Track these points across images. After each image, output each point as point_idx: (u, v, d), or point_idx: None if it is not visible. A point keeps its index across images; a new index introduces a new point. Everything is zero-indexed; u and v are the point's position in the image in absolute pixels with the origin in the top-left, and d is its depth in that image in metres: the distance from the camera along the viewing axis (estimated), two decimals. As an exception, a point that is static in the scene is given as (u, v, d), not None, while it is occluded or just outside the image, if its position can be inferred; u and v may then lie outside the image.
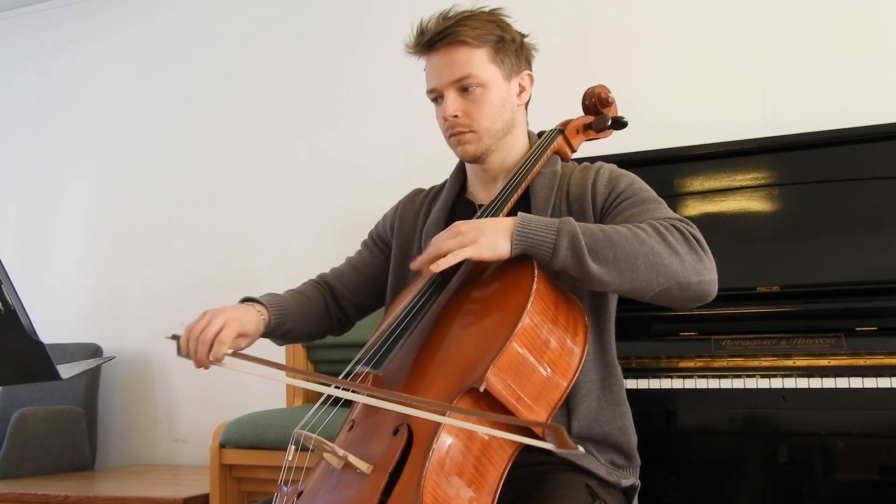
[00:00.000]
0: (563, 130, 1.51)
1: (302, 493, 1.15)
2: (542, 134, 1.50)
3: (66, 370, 1.37)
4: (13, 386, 3.14)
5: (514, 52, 1.41)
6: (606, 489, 1.24)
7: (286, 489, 1.20)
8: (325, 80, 3.19)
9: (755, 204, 2.11)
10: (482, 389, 1.04)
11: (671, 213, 1.29)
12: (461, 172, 1.53)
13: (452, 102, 1.37)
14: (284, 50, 3.26)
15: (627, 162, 1.56)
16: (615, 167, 1.42)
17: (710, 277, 1.21)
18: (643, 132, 2.23)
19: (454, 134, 1.39)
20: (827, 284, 1.94)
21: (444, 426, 1.02)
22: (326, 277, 1.59)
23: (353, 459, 1.07)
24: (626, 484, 1.29)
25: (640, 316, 1.91)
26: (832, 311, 1.90)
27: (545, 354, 1.12)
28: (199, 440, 3.07)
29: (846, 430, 1.82)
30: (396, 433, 1.08)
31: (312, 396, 2.77)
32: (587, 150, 1.67)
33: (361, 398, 1.12)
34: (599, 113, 1.56)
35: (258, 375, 1.20)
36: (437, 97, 1.41)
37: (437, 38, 1.36)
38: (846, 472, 1.92)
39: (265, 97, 3.28)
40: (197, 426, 3.13)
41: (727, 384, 1.81)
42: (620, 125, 1.60)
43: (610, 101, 1.56)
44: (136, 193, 3.46)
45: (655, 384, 1.86)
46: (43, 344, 1.24)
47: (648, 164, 2.13)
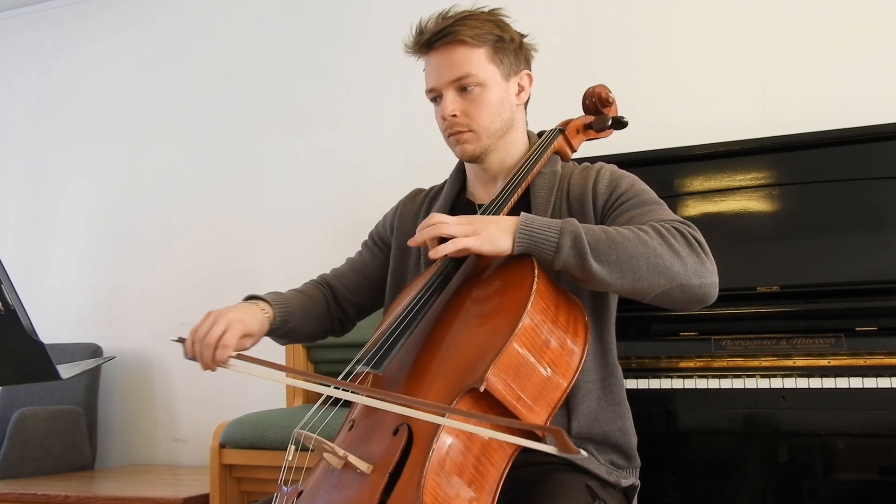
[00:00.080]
0: (563, 130, 1.51)
1: (302, 492, 1.15)
2: (542, 134, 1.50)
3: (66, 370, 1.37)
4: (13, 386, 3.14)
5: (512, 51, 1.41)
6: (606, 489, 1.24)
7: (286, 489, 1.20)
8: (325, 80, 3.19)
9: (755, 204, 2.11)
10: (482, 389, 1.04)
11: (672, 214, 1.29)
12: (461, 172, 1.53)
13: (451, 102, 1.37)
14: (284, 50, 3.26)
15: (627, 162, 1.57)
16: (616, 168, 1.42)
17: (711, 280, 1.21)
18: (643, 132, 2.23)
19: (453, 133, 1.39)
20: (827, 284, 1.94)
21: (444, 426, 1.02)
22: (327, 278, 1.58)
23: (353, 459, 1.07)
24: (625, 484, 1.29)
25: (640, 316, 1.91)
26: (832, 311, 1.90)
27: (545, 354, 1.12)
28: (199, 440, 3.07)
29: (846, 430, 1.82)
30: (396, 433, 1.08)
31: (312, 396, 2.77)
32: (587, 150, 1.67)
33: (363, 399, 1.12)
34: (600, 113, 1.56)
35: (263, 377, 1.19)
36: (435, 97, 1.41)
37: (435, 37, 1.37)
38: (846, 472, 1.92)
39: (265, 97, 3.28)
40: (197, 426, 3.13)
41: (727, 384, 1.82)
42: (620, 125, 1.60)
43: (610, 100, 1.56)
44: (136, 193, 3.46)
45: (655, 384, 1.86)
46: (43, 344, 1.24)
47: (648, 164, 2.13)
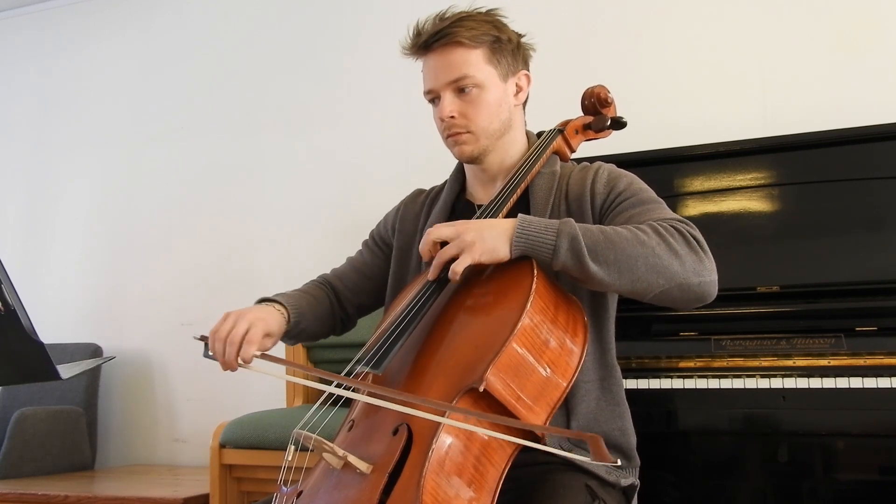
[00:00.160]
0: (562, 130, 1.51)
1: (302, 493, 1.15)
2: (541, 134, 1.50)
3: (66, 370, 1.37)
4: (13, 386, 3.14)
5: (510, 52, 1.40)
6: (606, 489, 1.24)
7: (286, 489, 1.20)
8: (325, 80, 3.19)
9: (755, 204, 2.11)
10: (482, 389, 1.04)
11: (671, 213, 1.29)
12: (460, 173, 1.53)
13: (449, 103, 1.37)
14: (284, 50, 3.26)
15: (627, 162, 1.56)
16: (614, 167, 1.41)
17: (710, 278, 1.21)
18: (643, 132, 2.23)
19: (451, 135, 1.39)
20: (827, 284, 1.94)
21: (443, 426, 1.03)
22: (329, 278, 1.58)
23: (352, 459, 1.07)
24: (625, 483, 1.29)
25: (640, 316, 1.91)
26: (832, 311, 1.90)
27: (545, 354, 1.12)
28: (199, 440, 3.07)
29: (846, 430, 1.82)
30: (396, 433, 1.08)
31: (313, 396, 2.77)
32: (587, 150, 1.67)
33: (369, 399, 1.12)
34: (599, 113, 1.56)
35: (283, 378, 1.19)
36: (433, 98, 1.41)
37: (433, 38, 1.36)
38: (846, 472, 1.92)
39: (265, 97, 3.28)
40: (197, 426, 3.13)
41: (727, 384, 1.82)
42: (620, 125, 1.60)
43: (609, 101, 1.56)
44: (136, 193, 3.46)
45: (655, 384, 1.86)
46: (43, 344, 1.24)
47: (648, 164, 2.13)
